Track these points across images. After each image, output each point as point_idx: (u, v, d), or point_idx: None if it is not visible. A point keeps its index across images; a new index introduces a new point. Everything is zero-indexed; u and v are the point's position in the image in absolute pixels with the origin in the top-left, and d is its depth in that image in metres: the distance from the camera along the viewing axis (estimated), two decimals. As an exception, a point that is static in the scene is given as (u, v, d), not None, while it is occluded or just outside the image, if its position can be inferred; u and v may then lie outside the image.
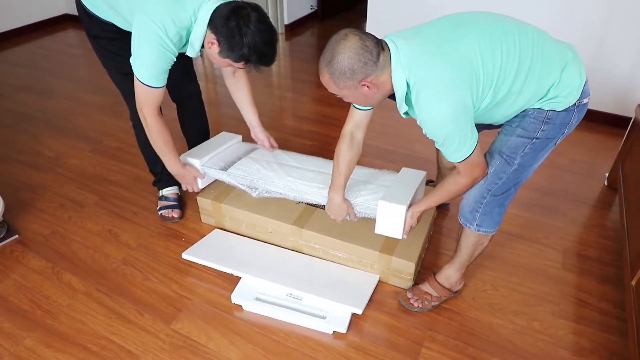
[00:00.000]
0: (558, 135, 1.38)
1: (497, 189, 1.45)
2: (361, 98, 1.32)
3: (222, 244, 1.99)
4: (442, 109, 1.22)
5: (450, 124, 1.24)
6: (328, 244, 1.83)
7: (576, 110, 1.35)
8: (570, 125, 1.37)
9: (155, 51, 1.52)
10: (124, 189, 2.37)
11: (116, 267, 1.90)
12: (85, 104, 3.26)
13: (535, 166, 1.45)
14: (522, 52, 1.26)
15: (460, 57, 1.21)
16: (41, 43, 4.49)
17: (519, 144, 1.38)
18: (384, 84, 1.26)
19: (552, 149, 1.42)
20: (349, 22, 5.13)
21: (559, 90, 1.31)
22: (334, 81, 1.26)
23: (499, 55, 1.23)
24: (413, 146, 2.74)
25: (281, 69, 4.03)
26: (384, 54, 1.23)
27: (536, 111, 1.34)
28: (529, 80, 1.28)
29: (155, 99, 1.64)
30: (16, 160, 2.61)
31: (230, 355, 1.56)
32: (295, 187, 1.83)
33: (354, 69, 1.21)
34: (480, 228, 1.54)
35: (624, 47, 2.71)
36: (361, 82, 1.24)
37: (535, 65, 1.27)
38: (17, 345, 1.59)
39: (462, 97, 1.21)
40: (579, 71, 1.33)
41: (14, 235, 2.05)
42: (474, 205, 1.51)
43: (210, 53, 1.58)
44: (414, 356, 1.55)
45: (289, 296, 1.72)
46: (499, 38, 1.25)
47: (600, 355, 1.56)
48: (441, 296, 1.70)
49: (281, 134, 2.90)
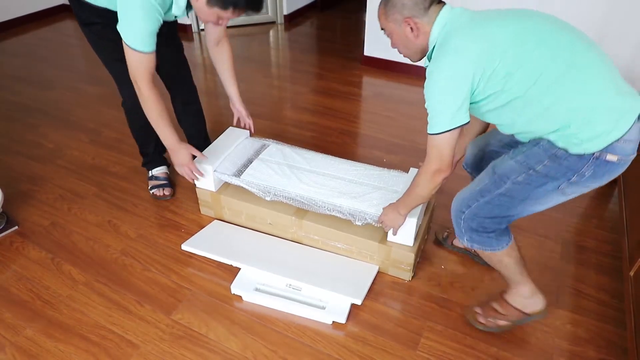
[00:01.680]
0: (561, 179, 1.24)
1: (479, 208, 1.37)
2: (403, 39, 1.35)
3: (221, 235, 2.00)
4: (440, 66, 1.23)
5: (438, 83, 1.24)
6: (328, 235, 1.84)
7: (594, 162, 1.19)
8: (580, 174, 1.21)
9: (140, 12, 1.53)
10: (123, 180, 2.37)
11: (116, 258, 1.91)
12: (84, 95, 3.25)
13: (530, 204, 1.32)
14: (556, 62, 1.16)
15: (485, 32, 1.21)
16: (39, 33, 4.46)
17: (515, 168, 1.29)
18: (425, 34, 1.31)
19: (554, 193, 1.28)
20: (348, 13, 5.10)
21: (580, 128, 1.17)
22: (385, 12, 1.33)
23: (528, 50, 1.17)
24: (415, 137, 2.74)
25: (280, 59, 4.01)
26: (436, 8, 1.29)
27: (548, 143, 1.23)
28: (549, 94, 1.17)
29: (148, 65, 1.64)
30: (15, 152, 2.61)
31: (230, 345, 1.57)
32: (307, 196, 1.82)
33: (404, 4, 1.29)
34: (473, 244, 1.45)
35: (624, 38, 2.70)
36: (406, 19, 1.30)
37: (564, 82, 1.16)
38: (18, 336, 1.60)
39: (462, 65, 1.20)
40: (620, 120, 1.15)
41: (13, 226, 2.05)
42: (456, 213, 1.44)
43: (198, 7, 1.58)
44: (413, 346, 1.56)
45: (289, 287, 1.72)
46: (540, 36, 1.18)
47: (598, 345, 1.57)
48: (508, 315, 1.55)
49: (280, 124, 2.89)
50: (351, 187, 1.85)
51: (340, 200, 1.78)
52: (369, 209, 1.73)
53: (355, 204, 1.76)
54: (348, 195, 1.81)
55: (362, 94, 3.35)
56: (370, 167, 1.98)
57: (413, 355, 1.53)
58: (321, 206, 1.79)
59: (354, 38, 4.33)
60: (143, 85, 1.66)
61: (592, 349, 1.56)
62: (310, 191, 1.84)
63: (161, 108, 1.74)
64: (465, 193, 1.43)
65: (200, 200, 2.09)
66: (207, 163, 1.94)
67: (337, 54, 3.99)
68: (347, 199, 1.79)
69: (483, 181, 1.38)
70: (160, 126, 1.78)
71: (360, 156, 2.58)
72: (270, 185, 1.87)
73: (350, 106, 3.13)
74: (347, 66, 3.73)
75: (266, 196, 1.87)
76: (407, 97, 3.25)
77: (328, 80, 3.50)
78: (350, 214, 1.74)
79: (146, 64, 1.63)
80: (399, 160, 2.52)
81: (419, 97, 3.23)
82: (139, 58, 1.61)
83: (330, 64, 3.78)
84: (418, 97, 3.25)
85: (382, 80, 3.50)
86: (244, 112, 2.13)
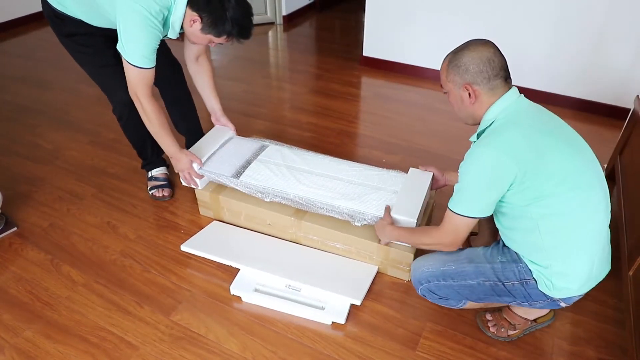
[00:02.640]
0: (518, 298, 1.38)
1: (438, 288, 1.47)
2: (458, 101, 1.34)
3: (220, 235, 2.00)
4: (488, 153, 1.22)
5: (479, 171, 1.24)
6: (327, 236, 1.84)
7: (550, 301, 1.36)
8: (533, 303, 1.38)
9: (144, 30, 1.58)
10: (122, 181, 2.36)
11: (115, 259, 1.91)
12: (83, 96, 3.25)
13: (480, 299, 1.46)
14: (579, 210, 1.25)
15: (543, 146, 1.22)
16: (39, 34, 4.46)
17: (488, 273, 1.38)
18: (482, 103, 1.30)
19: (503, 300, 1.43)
20: (347, 14, 5.10)
21: (556, 277, 1.29)
22: (447, 69, 1.32)
23: (564, 190, 1.22)
24: (412, 137, 2.74)
25: (279, 60, 4.01)
26: (501, 85, 1.28)
27: (525, 268, 1.34)
28: (554, 233, 1.26)
29: (148, 80, 1.69)
30: (14, 153, 2.60)
31: (230, 346, 1.57)
32: (305, 197, 1.82)
33: (468, 69, 1.26)
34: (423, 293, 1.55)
35: (624, 38, 2.70)
36: (466, 84, 1.28)
37: (575, 229, 1.26)
38: (17, 337, 1.60)
39: (503, 162, 1.20)
40: (586, 284, 1.31)
41: (12, 227, 2.05)
42: (415, 281, 1.54)
43: (191, 31, 1.65)
44: (412, 346, 1.56)
45: (288, 287, 1.72)
46: (578, 182, 1.24)
47: (597, 345, 1.57)
48: (517, 325, 1.56)
49: (279, 125, 2.89)
50: (350, 188, 1.85)
51: (339, 202, 1.78)
52: (368, 210, 1.73)
53: (355, 205, 1.76)
54: (347, 196, 1.81)
55: (361, 95, 3.35)
56: (369, 167, 1.98)
57: (412, 356, 1.53)
58: (320, 207, 1.79)
59: (353, 38, 4.34)
60: (143, 98, 1.71)
61: (591, 349, 1.56)
62: (309, 192, 1.84)
63: (162, 120, 1.80)
64: (428, 267, 1.49)
65: (199, 201, 2.09)
66: (205, 166, 1.96)
67: (335, 54, 3.99)
68: (346, 200, 1.79)
69: (448, 264, 1.44)
70: (160, 137, 1.84)
71: (359, 156, 2.58)
72: (268, 187, 1.87)
73: (349, 106, 3.13)
74: (346, 66, 3.73)
75: (265, 197, 1.87)
76: (406, 98, 3.25)
77: (327, 80, 3.50)
78: (349, 215, 1.74)
79: (147, 80, 1.69)
80: (399, 160, 2.52)
81: (418, 98, 3.25)
82: (139, 73, 1.66)
83: (329, 64, 3.78)
84: (417, 97, 3.25)
85: (380, 81, 3.50)
86: (230, 125, 2.17)
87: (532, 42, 2.95)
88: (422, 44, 3.40)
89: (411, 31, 3.38)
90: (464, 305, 1.54)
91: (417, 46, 3.43)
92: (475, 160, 1.25)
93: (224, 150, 2.09)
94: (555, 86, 3.04)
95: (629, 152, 2.07)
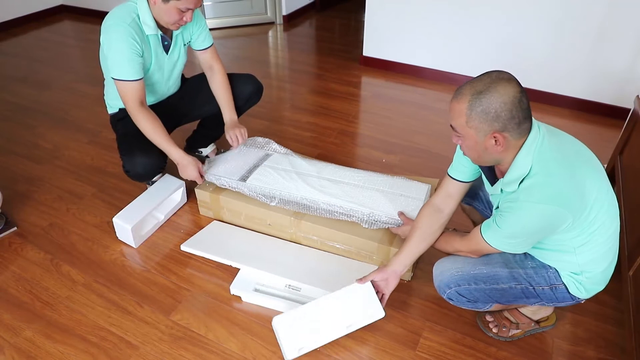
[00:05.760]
0: (544, 300, 1.39)
1: (469, 291, 1.43)
2: (478, 148, 1.21)
3: (220, 235, 1.99)
4: (533, 210, 1.18)
5: (525, 223, 1.21)
6: (327, 236, 1.84)
7: (573, 301, 1.38)
8: (558, 303, 1.40)
9: (120, 41, 1.72)
10: (121, 180, 2.36)
11: (115, 259, 1.91)
12: (82, 96, 3.25)
13: (509, 301, 1.44)
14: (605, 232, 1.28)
15: (584, 189, 1.19)
16: (37, 34, 4.46)
17: (520, 277, 1.37)
18: (510, 149, 1.19)
19: None
20: (347, 13, 5.10)
21: (587, 281, 1.33)
22: (469, 114, 1.15)
23: (598, 217, 1.23)
24: (412, 137, 2.74)
25: (279, 60, 4.01)
26: (527, 124, 1.17)
27: (555, 273, 1.34)
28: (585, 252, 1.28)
29: (135, 91, 1.80)
30: (14, 152, 2.60)
31: (230, 346, 1.57)
32: (311, 198, 1.84)
33: (499, 116, 1.12)
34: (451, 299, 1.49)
35: (624, 38, 2.70)
36: (495, 132, 1.14)
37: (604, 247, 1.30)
38: (17, 337, 1.60)
39: (558, 214, 1.17)
40: (606, 280, 1.37)
41: (12, 227, 2.05)
42: (441, 287, 1.49)
43: (158, 10, 1.75)
44: (412, 346, 1.56)
45: (288, 287, 1.72)
46: (604, 203, 1.25)
47: (597, 345, 1.57)
48: (520, 324, 1.56)
49: (279, 125, 2.89)
50: (358, 192, 1.87)
51: (350, 205, 1.80)
52: (379, 214, 1.75)
53: (364, 209, 1.78)
54: (356, 199, 1.82)
55: (360, 94, 3.35)
56: (375, 173, 2.00)
57: (412, 355, 1.53)
58: (327, 210, 1.81)
59: (353, 38, 4.34)
60: (134, 109, 1.81)
61: (591, 349, 1.56)
62: (316, 194, 1.85)
63: (153, 123, 1.84)
64: (457, 270, 1.44)
65: (199, 201, 2.08)
66: (125, 222, 1.89)
67: (335, 54, 3.99)
68: (356, 203, 1.81)
69: (479, 267, 1.41)
70: (157, 141, 1.87)
71: (359, 156, 2.58)
72: (276, 190, 1.89)
73: (349, 106, 3.13)
74: (346, 66, 3.73)
75: (271, 202, 1.88)
76: (406, 97, 3.25)
77: (327, 80, 3.50)
78: (360, 219, 1.77)
79: (134, 89, 1.79)
80: (398, 160, 2.52)
81: (418, 98, 3.25)
82: (125, 85, 1.78)
83: (329, 64, 3.78)
84: (417, 97, 3.25)
85: (380, 81, 3.50)
86: (234, 143, 2.07)
87: (532, 42, 2.95)
88: (422, 43, 3.40)
89: (411, 31, 3.38)
90: (490, 307, 1.50)
91: (417, 46, 3.43)
92: (523, 214, 1.19)
93: (229, 155, 2.11)
94: (555, 86, 3.04)
95: (629, 152, 2.07)
